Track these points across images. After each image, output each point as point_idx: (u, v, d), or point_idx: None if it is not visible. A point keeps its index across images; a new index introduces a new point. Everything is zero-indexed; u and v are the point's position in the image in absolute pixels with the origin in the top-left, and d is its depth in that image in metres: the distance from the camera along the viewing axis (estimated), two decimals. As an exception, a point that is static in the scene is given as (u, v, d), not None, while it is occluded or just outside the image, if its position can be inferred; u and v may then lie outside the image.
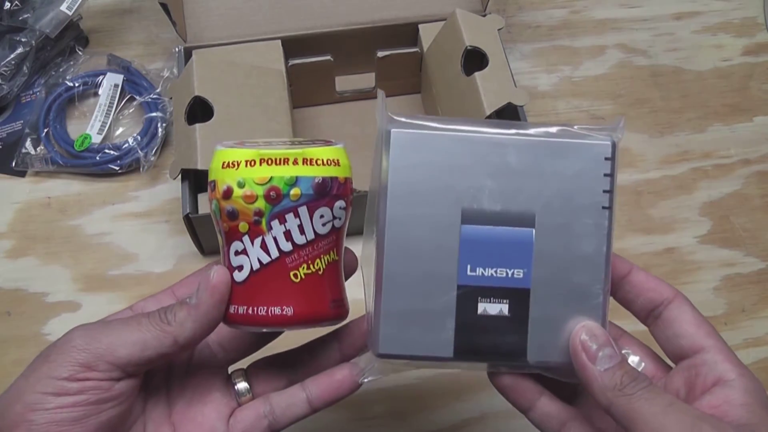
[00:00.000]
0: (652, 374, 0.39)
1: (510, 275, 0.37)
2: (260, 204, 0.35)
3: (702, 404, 0.34)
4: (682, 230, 0.67)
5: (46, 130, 0.68)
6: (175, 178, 0.56)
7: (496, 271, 0.37)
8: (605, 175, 0.37)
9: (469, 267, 0.37)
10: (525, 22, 0.79)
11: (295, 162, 0.36)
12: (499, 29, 0.62)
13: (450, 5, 0.66)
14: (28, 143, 0.67)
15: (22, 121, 0.70)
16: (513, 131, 0.37)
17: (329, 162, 0.36)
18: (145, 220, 0.66)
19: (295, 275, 0.36)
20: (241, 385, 0.40)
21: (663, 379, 0.38)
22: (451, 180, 0.37)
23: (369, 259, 0.38)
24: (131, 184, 0.67)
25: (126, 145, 0.67)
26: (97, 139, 0.68)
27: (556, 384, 0.38)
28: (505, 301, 0.37)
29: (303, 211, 0.36)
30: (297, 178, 0.35)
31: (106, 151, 0.67)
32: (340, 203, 0.37)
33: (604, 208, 0.37)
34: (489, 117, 0.57)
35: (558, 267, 0.37)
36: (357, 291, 0.40)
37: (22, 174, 0.68)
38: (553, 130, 0.38)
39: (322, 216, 0.36)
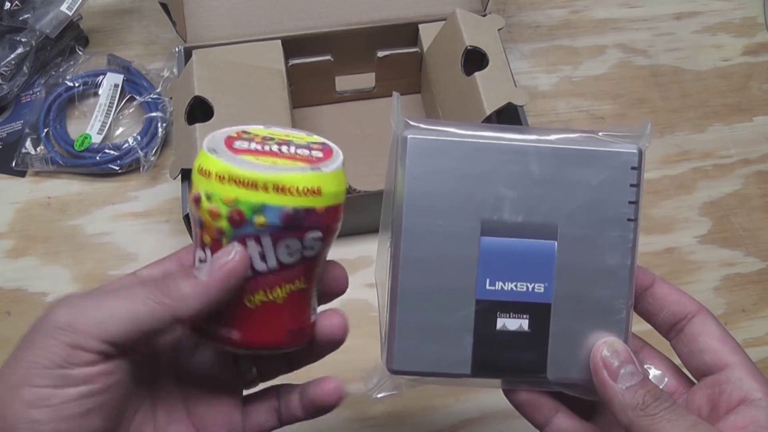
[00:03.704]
0: (674, 389, 0.38)
1: (531, 289, 0.36)
2: (223, 224, 0.33)
3: (727, 424, 0.34)
4: (682, 230, 0.67)
5: (46, 130, 0.68)
6: (175, 178, 0.56)
7: (516, 285, 0.36)
8: (631, 185, 0.36)
9: (488, 281, 0.35)
10: (525, 22, 0.79)
11: (265, 188, 0.32)
12: (499, 29, 0.62)
13: (450, 5, 0.66)
14: (28, 143, 0.67)
15: (22, 121, 0.70)
16: (534, 137, 0.36)
17: (306, 192, 0.32)
18: (145, 220, 0.66)
19: (250, 300, 0.34)
20: (244, 365, 0.39)
21: (685, 395, 0.37)
22: (470, 189, 0.35)
23: (383, 270, 0.37)
24: (131, 184, 0.67)
25: (126, 145, 0.67)
26: (97, 139, 0.68)
27: (573, 399, 0.37)
28: (525, 316, 0.36)
29: (266, 240, 0.33)
30: (264, 205, 0.32)
31: (106, 151, 0.67)
32: (314, 234, 0.33)
33: (629, 220, 0.36)
34: (489, 117, 0.57)
35: (580, 281, 0.36)
36: (358, 291, 0.40)
37: (22, 174, 0.68)
38: (576, 136, 0.36)
39: (288, 246, 0.33)
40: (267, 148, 0.34)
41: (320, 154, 0.35)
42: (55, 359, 0.30)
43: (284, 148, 0.35)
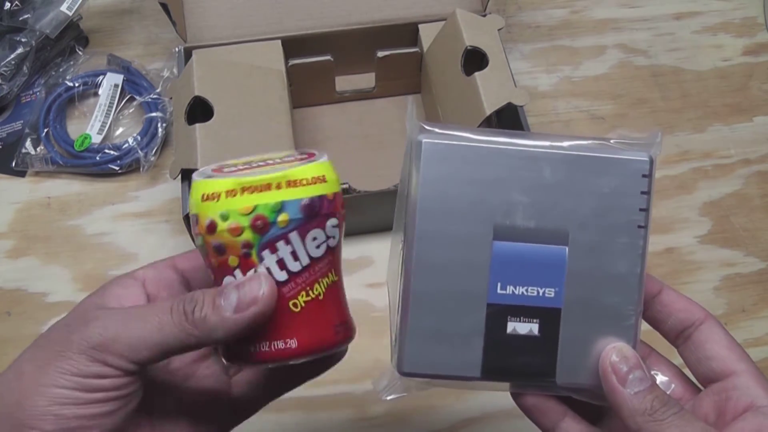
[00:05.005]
0: (680, 396, 0.38)
1: (541, 294, 0.36)
2: (247, 236, 0.33)
3: (733, 431, 0.34)
4: (682, 230, 0.67)
5: (46, 130, 0.68)
6: (175, 178, 0.56)
7: (527, 290, 0.36)
8: (642, 192, 0.36)
9: (499, 285, 0.36)
10: (525, 22, 0.79)
11: (279, 186, 0.33)
12: (499, 29, 0.62)
13: (450, 5, 0.66)
14: (28, 143, 0.67)
15: (22, 121, 0.70)
16: (547, 143, 0.36)
17: (315, 180, 0.34)
18: (145, 220, 0.66)
19: (295, 305, 0.34)
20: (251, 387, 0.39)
21: (691, 402, 0.37)
22: (483, 194, 0.36)
23: (394, 273, 0.37)
24: (131, 184, 0.67)
25: (126, 145, 0.67)
26: (97, 139, 0.68)
27: (580, 404, 0.38)
28: (535, 320, 0.36)
29: (294, 236, 0.33)
30: (283, 203, 0.33)
31: (106, 151, 0.67)
32: (332, 222, 0.35)
33: (639, 227, 0.36)
34: (489, 117, 0.57)
35: (590, 287, 0.36)
36: (359, 292, 0.40)
37: (22, 174, 0.68)
38: (589, 143, 0.37)
39: (315, 239, 0.34)
40: (254, 165, 0.35)
41: (304, 155, 0.36)
42: (85, 372, 0.32)
43: (270, 162, 0.36)
